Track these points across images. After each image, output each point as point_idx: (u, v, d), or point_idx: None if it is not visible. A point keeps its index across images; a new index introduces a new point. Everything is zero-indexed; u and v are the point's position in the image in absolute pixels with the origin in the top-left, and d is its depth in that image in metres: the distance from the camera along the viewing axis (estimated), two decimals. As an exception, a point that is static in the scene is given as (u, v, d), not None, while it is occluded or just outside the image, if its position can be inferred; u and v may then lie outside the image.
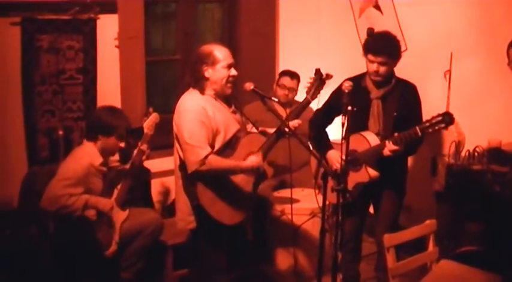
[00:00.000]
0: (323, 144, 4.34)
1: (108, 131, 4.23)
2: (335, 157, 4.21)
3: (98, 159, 4.25)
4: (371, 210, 4.50)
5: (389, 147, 3.94)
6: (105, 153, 4.30)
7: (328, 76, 4.10)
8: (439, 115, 3.78)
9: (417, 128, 3.86)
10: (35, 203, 4.18)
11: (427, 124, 3.81)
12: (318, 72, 4.09)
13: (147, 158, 4.48)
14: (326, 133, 4.40)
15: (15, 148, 4.76)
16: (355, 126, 4.16)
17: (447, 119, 3.76)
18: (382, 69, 4.08)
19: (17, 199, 4.64)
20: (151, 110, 4.53)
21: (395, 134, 3.90)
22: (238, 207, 3.93)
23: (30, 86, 4.76)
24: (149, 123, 4.43)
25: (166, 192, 5.39)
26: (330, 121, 4.38)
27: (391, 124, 4.05)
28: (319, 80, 4.08)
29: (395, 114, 4.08)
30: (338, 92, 3.90)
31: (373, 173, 4.15)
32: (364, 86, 4.21)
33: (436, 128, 3.79)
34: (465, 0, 5.05)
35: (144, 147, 4.38)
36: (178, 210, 4.01)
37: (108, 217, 4.24)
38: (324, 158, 4.27)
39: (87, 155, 4.22)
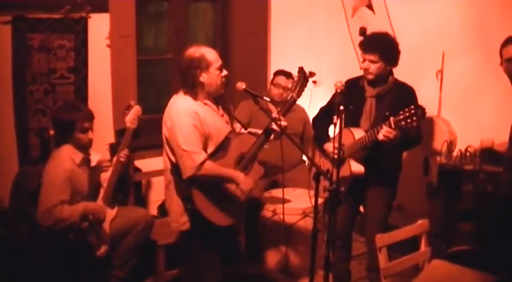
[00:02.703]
0: (323, 140, 4.36)
1: (68, 128, 4.16)
2: (330, 149, 4.24)
3: (78, 156, 4.20)
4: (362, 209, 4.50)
5: (384, 129, 3.89)
6: (81, 148, 4.23)
7: (312, 74, 4.17)
8: (411, 108, 3.76)
9: (391, 119, 3.84)
10: (26, 203, 4.15)
11: (401, 117, 3.78)
12: (301, 70, 4.11)
13: (128, 161, 4.45)
14: (327, 130, 4.40)
15: (6, 148, 4.73)
16: (349, 124, 4.21)
17: (419, 112, 3.74)
18: (373, 67, 4.12)
19: (8, 199, 4.61)
20: (132, 103, 4.47)
21: (391, 118, 3.86)
22: (232, 209, 3.93)
23: (22, 85, 4.73)
24: (131, 116, 4.38)
25: (158, 192, 5.36)
26: (330, 120, 4.38)
27: (380, 122, 4.05)
28: (303, 78, 4.10)
29: (387, 113, 4.08)
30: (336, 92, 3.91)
31: (356, 167, 4.16)
32: (361, 85, 4.28)
33: (409, 121, 3.75)
34: (457, 0, 5.06)
35: (122, 154, 4.32)
36: (171, 211, 3.99)
37: (98, 219, 4.21)
38: (322, 150, 4.34)
39: (65, 155, 4.16)
